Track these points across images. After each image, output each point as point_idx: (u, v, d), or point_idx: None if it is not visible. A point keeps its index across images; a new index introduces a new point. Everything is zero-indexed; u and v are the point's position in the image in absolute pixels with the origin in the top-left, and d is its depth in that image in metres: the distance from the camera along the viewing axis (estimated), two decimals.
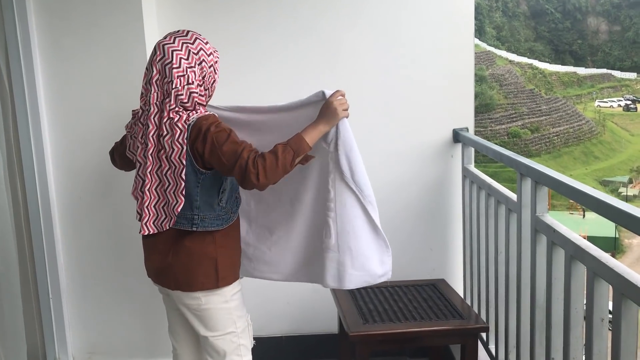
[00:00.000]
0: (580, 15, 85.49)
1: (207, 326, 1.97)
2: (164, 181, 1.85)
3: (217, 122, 1.83)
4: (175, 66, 1.82)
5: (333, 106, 1.85)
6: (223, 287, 1.95)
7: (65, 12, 2.61)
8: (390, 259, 2.03)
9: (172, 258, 1.92)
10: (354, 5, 2.85)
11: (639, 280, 1.37)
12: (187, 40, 1.87)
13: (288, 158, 1.79)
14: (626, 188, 42.23)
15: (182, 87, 1.82)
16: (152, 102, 1.83)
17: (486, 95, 48.60)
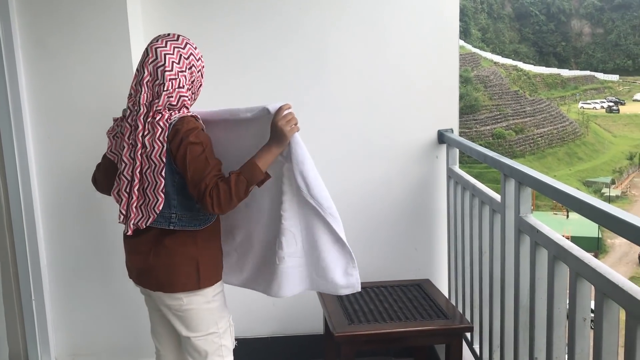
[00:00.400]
0: (564, 17, 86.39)
1: (188, 327, 1.97)
2: (144, 180, 1.86)
3: (197, 131, 1.84)
4: (167, 69, 1.85)
5: (279, 128, 1.84)
6: (205, 288, 1.94)
7: (49, 10, 2.58)
8: (356, 272, 1.98)
9: (153, 259, 1.92)
10: (340, 6, 2.85)
11: (621, 281, 1.38)
12: (178, 45, 1.90)
13: (241, 188, 1.81)
14: (609, 189, 42.76)
15: (173, 90, 1.85)
16: (142, 103, 1.84)
17: (471, 97, 48.95)
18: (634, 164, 50.63)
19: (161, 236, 1.91)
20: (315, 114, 2.88)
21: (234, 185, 1.79)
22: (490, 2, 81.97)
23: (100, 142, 2.40)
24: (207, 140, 1.86)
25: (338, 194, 2.91)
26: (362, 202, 2.95)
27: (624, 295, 1.35)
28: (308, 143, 2.87)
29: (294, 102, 2.83)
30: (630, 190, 45.17)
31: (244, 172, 1.82)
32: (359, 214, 2.95)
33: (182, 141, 1.80)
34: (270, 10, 2.82)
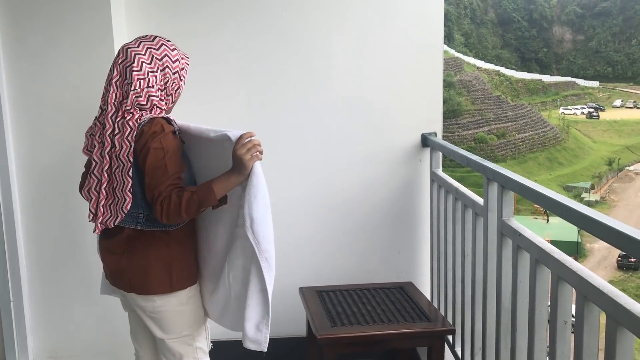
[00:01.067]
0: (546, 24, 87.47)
1: (162, 328, 1.95)
2: (113, 179, 1.86)
3: (163, 135, 1.81)
4: (136, 69, 1.83)
5: (238, 156, 1.79)
6: (178, 291, 1.93)
7: (31, 8, 2.55)
8: (267, 330, 1.89)
9: (126, 260, 1.91)
10: (326, 11, 2.85)
11: (601, 284, 1.40)
12: (152, 46, 1.88)
13: (192, 207, 1.78)
14: (588, 194, 43.33)
15: (142, 89, 1.83)
16: (110, 102, 1.84)
17: (454, 101, 49.31)
18: (613, 170, 51.36)
19: (133, 237, 1.90)
20: (299, 117, 2.88)
21: (184, 202, 1.77)
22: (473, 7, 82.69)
23: (81, 141, 2.38)
24: (171, 146, 1.82)
25: (321, 196, 2.94)
26: (346, 205, 2.95)
27: (605, 298, 1.36)
28: (293, 146, 2.90)
29: (278, 104, 2.87)
30: (609, 196, 45.81)
31: (198, 192, 1.79)
32: (342, 217, 2.95)
33: (146, 144, 1.79)
34: (256, 13, 2.82)
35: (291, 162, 2.92)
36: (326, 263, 2.98)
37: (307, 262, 2.96)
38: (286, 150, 2.90)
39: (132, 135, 1.80)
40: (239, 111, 2.86)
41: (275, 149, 2.89)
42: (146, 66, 1.84)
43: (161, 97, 1.88)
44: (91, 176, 1.89)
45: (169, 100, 1.93)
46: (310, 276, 2.91)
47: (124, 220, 1.87)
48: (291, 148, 2.91)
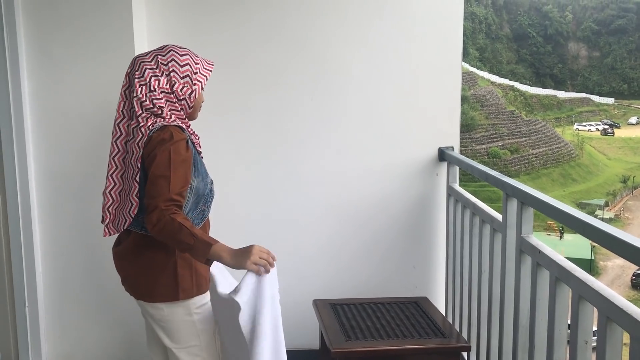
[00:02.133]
0: (562, 40, 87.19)
1: (170, 337, 1.95)
2: (126, 185, 1.90)
3: (172, 143, 1.80)
4: (137, 76, 1.87)
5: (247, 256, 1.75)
6: (185, 300, 1.92)
7: (55, 20, 2.59)
8: None
9: (134, 267, 1.93)
10: (344, 24, 2.86)
11: (625, 304, 1.38)
12: (159, 52, 1.92)
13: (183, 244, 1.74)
14: (602, 211, 42.87)
15: (143, 94, 1.85)
16: (118, 110, 1.92)
17: (468, 115, 49.14)
18: (627, 187, 50.85)
19: (140, 244, 1.91)
20: (316, 128, 2.89)
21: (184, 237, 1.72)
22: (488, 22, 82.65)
23: (100, 151, 2.40)
24: (180, 156, 1.80)
25: (336, 208, 2.94)
26: (361, 217, 2.94)
27: (629, 319, 1.34)
28: (309, 157, 2.90)
29: (295, 118, 2.87)
30: (623, 213, 45.31)
31: (197, 239, 1.73)
32: (358, 230, 2.94)
33: (153, 150, 1.80)
34: (275, 26, 2.83)
35: (307, 174, 2.92)
36: (340, 275, 2.97)
37: (321, 274, 2.95)
38: (302, 161, 2.91)
39: (142, 141, 1.82)
40: (256, 122, 2.88)
41: (292, 160, 2.91)
42: (149, 71, 1.87)
43: (170, 100, 1.88)
44: (108, 179, 1.95)
45: (183, 105, 1.91)
46: (324, 288, 2.90)
47: (132, 224, 1.90)
48: (307, 159, 2.91)
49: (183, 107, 1.93)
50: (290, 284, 2.96)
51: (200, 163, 1.94)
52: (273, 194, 2.91)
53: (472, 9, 77.52)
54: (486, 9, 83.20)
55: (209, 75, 1.97)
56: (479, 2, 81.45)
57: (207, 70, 1.97)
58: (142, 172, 1.84)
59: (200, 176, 1.92)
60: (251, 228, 2.89)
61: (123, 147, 1.92)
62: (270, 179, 2.90)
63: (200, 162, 1.94)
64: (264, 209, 2.92)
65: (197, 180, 1.90)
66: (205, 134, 2.25)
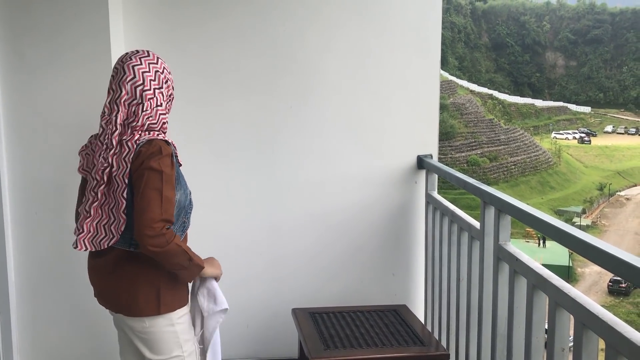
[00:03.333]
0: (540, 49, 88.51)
1: (152, 349, 1.91)
2: (110, 199, 1.84)
3: (162, 157, 1.79)
4: (146, 88, 1.84)
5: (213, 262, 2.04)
6: (166, 313, 1.90)
7: (30, 23, 2.54)
8: None
9: (115, 281, 1.89)
10: (324, 33, 2.86)
11: (600, 312, 1.38)
12: (152, 61, 1.89)
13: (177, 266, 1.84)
14: (580, 218, 43.47)
15: (152, 109, 1.84)
16: (117, 122, 1.82)
17: (447, 124, 49.59)
18: (604, 195, 51.65)
19: (123, 258, 1.87)
20: (294, 138, 2.88)
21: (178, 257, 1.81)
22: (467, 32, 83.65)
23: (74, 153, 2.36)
24: (169, 170, 1.79)
25: (315, 217, 2.93)
26: (341, 226, 2.93)
27: (604, 326, 1.35)
28: (288, 167, 2.88)
29: (274, 126, 2.86)
30: (600, 220, 45.99)
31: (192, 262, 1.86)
32: (337, 238, 2.93)
33: (142, 164, 1.76)
34: (254, 34, 2.82)
35: (285, 182, 2.90)
36: (320, 284, 2.96)
37: (300, 283, 2.93)
38: (281, 170, 2.89)
39: (129, 156, 1.78)
40: (235, 130, 2.85)
41: (270, 170, 2.89)
42: (153, 84, 1.85)
43: (167, 111, 1.91)
44: (89, 193, 1.86)
45: (169, 108, 1.96)
46: (303, 297, 2.88)
47: (118, 241, 1.85)
48: (286, 168, 2.89)
49: (169, 110, 1.96)
50: (269, 294, 2.94)
51: (181, 175, 1.91)
52: (252, 203, 2.89)
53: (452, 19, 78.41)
54: (465, 19, 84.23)
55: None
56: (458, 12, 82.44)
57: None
58: (129, 187, 1.80)
59: (182, 188, 1.90)
60: (230, 237, 2.87)
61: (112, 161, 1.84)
62: (248, 188, 2.88)
63: (181, 175, 1.91)
64: (242, 218, 2.90)
65: (180, 193, 1.88)
66: (183, 143, 2.23)
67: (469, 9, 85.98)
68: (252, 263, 2.91)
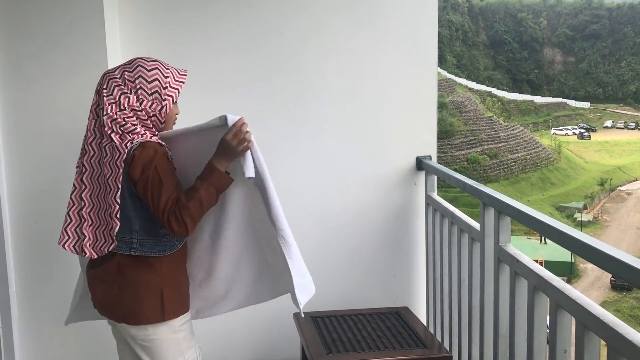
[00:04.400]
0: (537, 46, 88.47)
1: (154, 358, 1.91)
2: (101, 204, 1.85)
3: (158, 158, 1.80)
4: (107, 93, 1.84)
5: (230, 146, 1.83)
6: (170, 320, 1.89)
7: (27, 34, 2.55)
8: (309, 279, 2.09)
9: (117, 290, 1.88)
10: (320, 33, 2.86)
11: (601, 313, 1.38)
12: (127, 68, 1.87)
13: (212, 198, 1.83)
14: (581, 214, 43.44)
15: (114, 113, 1.82)
16: (89, 128, 1.87)
17: (446, 122, 49.59)
18: (605, 190, 51.62)
19: (124, 264, 1.87)
20: (293, 140, 2.88)
21: (205, 197, 1.79)
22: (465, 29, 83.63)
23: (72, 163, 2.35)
24: (166, 168, 1.82)
25: (315, 220, 2.92)
26: (341, 229, 2.93)
27: (605, 327, 1.34)
28: (287, 169, 2.88)
29: (272, 129, 2.86)
30: (601, 216, 45.97)
31: (211, 182, 1.82)
32: (337, 241, 2.93)
33: (143, 172, 1.78)
34: (250, 36, 2.82)
35: (285, 186, 2.88)
36: (321, 288, 2.92)
37: None
38: (280, 173, 2.87)
39: (121, 159, 1.78)
40: None
41: (269, 172, 2.88)
42: (117, 89, 1.83)
43: (141, 117, 1.85)
44: (71, 199, 1.90)
45: (154, 121, 1.88)
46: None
47: (118, 246, 1.84)
48: (285, 171, 2.89)
49: (154, 123, 1.89)
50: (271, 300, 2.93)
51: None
52: None
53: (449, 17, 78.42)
54: (462, 17, 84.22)
55: (180, 86, 1.93)
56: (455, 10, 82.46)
57: (179, 82, 1.92)
58: (127, 190, 1.81)
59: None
60: None
61: (96, 165, 1.86)
62: None
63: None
64: None
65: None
66: None
67: (466, 6, 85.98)
68: None
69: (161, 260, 1.87)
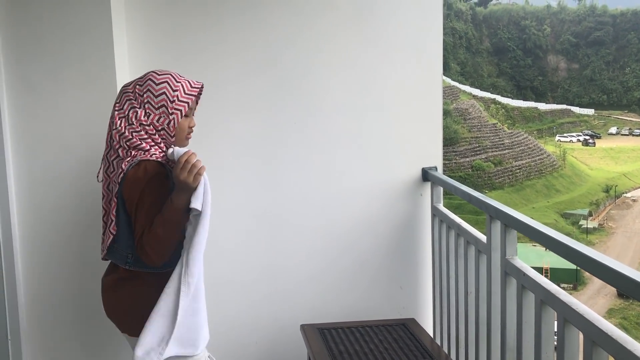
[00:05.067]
0: (541, 53, 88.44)
1: None
2: (107, 214, 1.93)
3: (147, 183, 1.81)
4: (117, 108, 1.89)
5: (182, 181, 1.81)
6: None
7: (35, 47, 2.57)
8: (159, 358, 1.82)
9: (115, 301, 1.96)
10: (326, 45, 2.88)
11: (609, 329, 1.38)
12: (139, 82, 1.91)
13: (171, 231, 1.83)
14: (586, 221, 43.27)
15: (123, 127, 1.85)
16: (106, 140, 1.93)
17: (451, 129, 49.56)
18: (610, 197, 51.43)
19: (124, 277, 1.93)
20: (299, 152, 2.89)
21: (158, 227, 1.79)
22: (469, 37, 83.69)
23: (83, 179, 2.38)
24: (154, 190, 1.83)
25: (321, 232, 2.93)
26: (347, 241, 2.94)
27: (614, 344, 1.35)
28: (293, 181, 2.89)
29: (278, 142, 2.87)
30: (607, 222, 45.77)
31: (166, 215, 1.81)
32: (344, 252, 2.93)
33: (131, 191, 1.81)
34: (255, 48, 2.83)
35: (291, 198, 2.91)
36: (327, 299, 2.96)
37: (308, 299, 2.94)
38: (286, 186, 2.90)
39: (119, 177, 1.82)
40: (238, 146, 2.86)
41: (275, 186, 2.90)
42: (128, 103, 1.87)
43: (149, 131, 1.87)
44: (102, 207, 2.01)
45: (163, 135, 1.89)
46: (312, 313, 2.89)
47: (115, 258, 1.92)
48: (291, 184, 2.90)
49: (164, 136, 1.90)
50: (277, 310, 2.94)
51: None
52: (257, 219, 2.90)
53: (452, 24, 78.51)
54: (466, 24, 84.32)
55: (191, 99, 1.93)
56: (459, 18, 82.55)
57: (189, 95, 1.92)
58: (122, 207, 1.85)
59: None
60: (235, 253, 2.88)
61: (108, 177, 1.93)
62: (253, 205, 2.89)
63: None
64: (248, 234, 2.90)
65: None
66: None
67: (469, 14, 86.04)
68: (258, 279, 2.92)
69: (156, 277, 1.90)
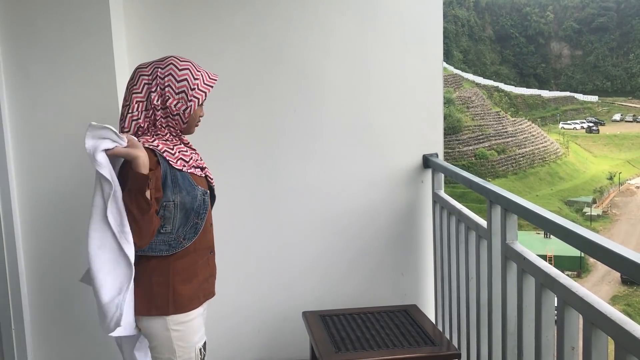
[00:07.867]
0: (544, 40, 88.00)
1: (150, 343, 1.96)
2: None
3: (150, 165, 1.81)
4: (136, 90, 1.87)
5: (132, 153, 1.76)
6: (160, 316, 1.91)
7: (33, 38, 2.56)
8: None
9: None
10: (324, 32, 2.87)
11: (609, 310, 1.38)
12: (159, 65, 1.89)
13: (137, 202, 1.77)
14: (590, 208, 43.22)
15: (140, 112, 1.86)
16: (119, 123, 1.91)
17: (453, 118, 49.45)
18: (614, 184, 51.33)
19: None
20: (300, 140, 2.89)
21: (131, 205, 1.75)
22: (471, 24, 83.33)
23: (82, 169, 2.37)
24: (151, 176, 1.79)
25: (322, 220, 2.93)
26: (348, 228, 2.94)
27: (613, 325, 1.35)
28: (294, 170, 2.89)
29: (279, 130, 2.87)
30: (611, 210, 45.72)
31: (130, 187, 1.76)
32: (345, 240, 2.94)
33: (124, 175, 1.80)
34: (256, 38, 2.83)
35: (292, 187, 2.91)
36: (329, 286, 2.97)
37: (309, 286, 2.95)
38: (287, 174, 2.90)
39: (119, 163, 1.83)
40: (239, 136, 2.87)
41: (276, 174, 2.90)
42: (147, 87, 1.86)
43: (162, 116, 1.88)
44: None
45: (177, 120, 1.91)
46: (313, 300, 2.90)
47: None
48: (292, 172, 2.90)
49: (177, 122, 1.92)
50: (280, 297, 2.96)
51: (181, 178, 1.91)
52: (258, 208, 2.91)
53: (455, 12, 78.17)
54: (468, 12, 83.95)
55: (209, 90, 1.94)
56: (461, 5, 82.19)
57: (207, 86, 1.94)
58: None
59: (184, 190, 1.90)
60: (237, 243, 2.88)
61: None
62: (254, 193, 2.90)
63: (181, 178, 1.91)
64: (250, 223, 2.91)
65: (181, 196, 1.89)
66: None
67: (472, 1, 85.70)
68: (260, 268, 2.93)
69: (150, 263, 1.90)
